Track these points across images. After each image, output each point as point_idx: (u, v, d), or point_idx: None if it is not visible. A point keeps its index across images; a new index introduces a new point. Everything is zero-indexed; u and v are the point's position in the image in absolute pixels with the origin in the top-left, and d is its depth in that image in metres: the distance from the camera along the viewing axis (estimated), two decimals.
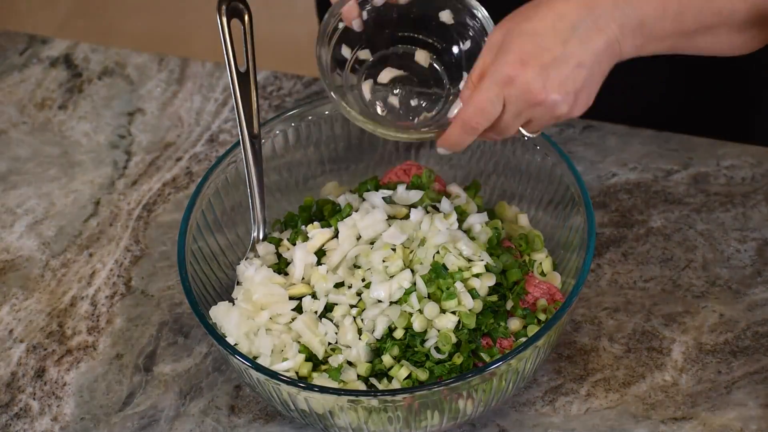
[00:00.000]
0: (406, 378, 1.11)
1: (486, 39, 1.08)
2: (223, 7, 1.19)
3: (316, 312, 1.15)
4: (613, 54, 1.05)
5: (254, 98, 1.20)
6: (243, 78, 1.20)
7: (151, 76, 1.50)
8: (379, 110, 1.15)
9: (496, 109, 1.05)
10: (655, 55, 1.13)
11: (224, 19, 1.18)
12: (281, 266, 1.20)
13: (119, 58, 1.53)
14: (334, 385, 1.11)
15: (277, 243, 1.22)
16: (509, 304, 1.15)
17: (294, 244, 1.21)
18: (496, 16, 1.11)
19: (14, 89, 1.51)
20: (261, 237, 1.22)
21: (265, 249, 1.21)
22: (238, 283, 1.20)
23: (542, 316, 1.15)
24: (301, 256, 1.18)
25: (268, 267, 1.19)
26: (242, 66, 1.20)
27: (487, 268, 1.15)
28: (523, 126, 1.09)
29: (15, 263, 1.33)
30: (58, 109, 1.48)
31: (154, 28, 2.87)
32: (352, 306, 1.15)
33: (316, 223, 1.22)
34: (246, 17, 1.20)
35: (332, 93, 1.10)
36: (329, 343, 1.14)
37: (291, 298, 1.17)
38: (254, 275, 1.17)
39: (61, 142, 1.44)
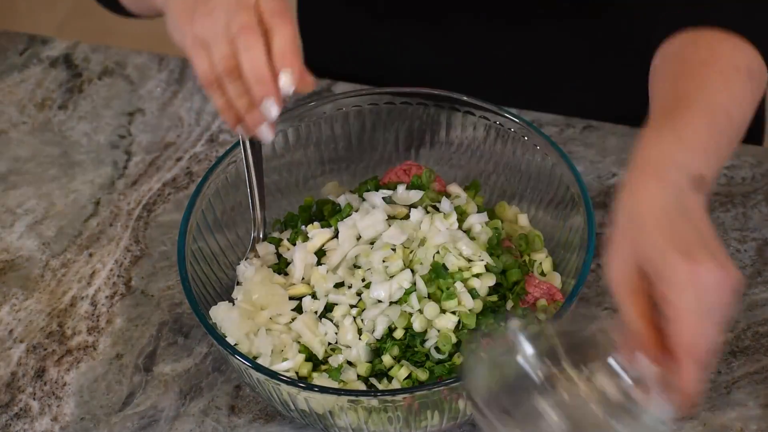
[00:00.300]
0: (406, 378, 1.11)
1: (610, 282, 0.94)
2: None
3: (316, 312, 1.15)
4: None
5: None
6: None
7: (151, 76, 1.50)
8: None
9: (706, 317, 0.91)
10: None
11: None
12: (281, 266, 1.20)
13: (119, 58, 1.53)
14: (334, 385, 1.11)
15: (277, 243, 1.22)
16: (509, 304, 1.15)
17: (294, 245, 1.21)
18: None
19: (14, 89, 1.51)
20: (261, 237, 1.22)
21: (265, 249, 1.21)
22: (238, 283, 1.20)
23: (542, 316, 1.15)
24: (301, 256, 1.18)
25: (268, 267, 1.19)
26: None
27: (487, 268, 1.15)
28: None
29: (15, 263, 1.33)
30: (58, 109, 1.48)
31: (154, 28, 2.86)
32: (352, 306, 1.15)
33: (316, 223, 1.22)
34: None
35: None
36: (329, 343, 1.14)
37: (291, 298, 1.17)
38: (254, 275, 1.17)
39: (61, 142, 1.44)
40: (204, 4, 1.06)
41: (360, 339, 1.13)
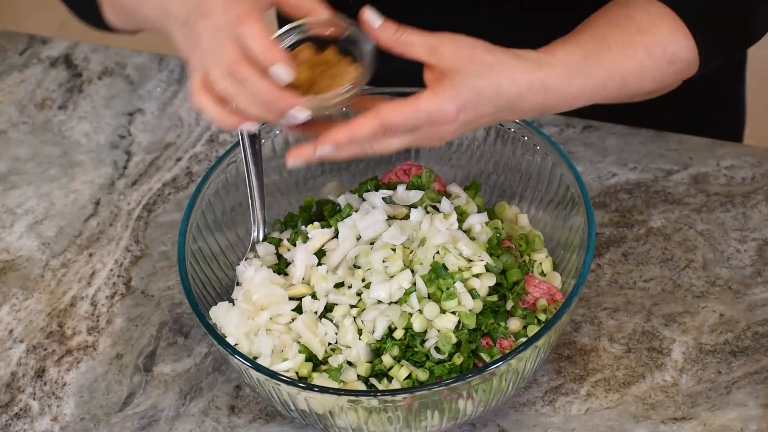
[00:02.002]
0: (406, 378, 1.11)
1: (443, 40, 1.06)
2: None
3: (316, 312, 1.15)
4: (522, 116, 1.13)
5: None
6: None
7: (151, 76, 1.50)
8: None
9: (407, 129, 1.06)
10: None
11: None
12: (281, 266, 1.20)
13: (119, 58, 1.53)
14: (334, 385, 1.11)
15: (277, 243, 1.22)
16: (509, 304, 1.15)
17: (294, 245, 1.21)
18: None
19: (14, 89, 1.51)
20: (261, 237, 1.22)
21: (264, 249, 1.21)
22: (238, 284, 1.20)
23: (542, 316, 1.15)
24: (302, 257, 1.18)
25: (268, 267, 1.19)
26: None
27: (487, 268, 1.15)
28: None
29: (15, 263, 1.33)
30: (58, 109, 1.48)
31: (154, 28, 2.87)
32: (352, 306, 1.15)
33: (316, 223, 1.22)
34: None
35: None
36: (329, 344, 1.14)
37: (291, 298, 1.17)
38: (254, 276, 1.17)
39: (61, 142, 1.44)
40: (193, 44, 1.08)
41: (360, 339, 1.13)
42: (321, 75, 1.09)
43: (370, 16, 1.06)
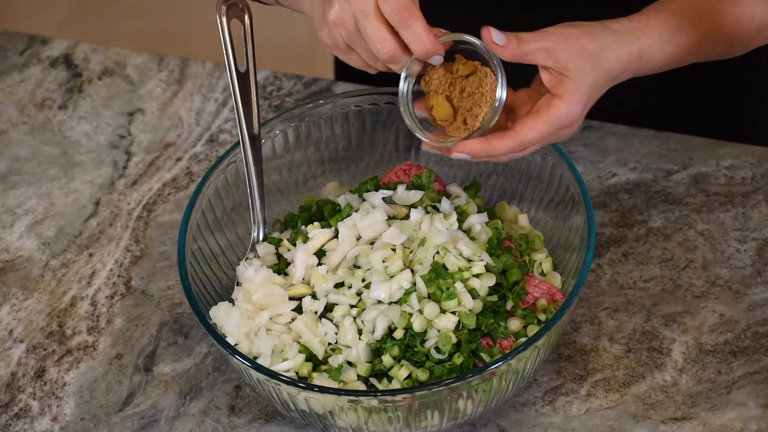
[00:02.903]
0: (406, 378, 1.11)
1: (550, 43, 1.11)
2: (223, 8, 1.19)
3: (316, 312, 1.15)
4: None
5: (254, 99, 1.20)
6: (243, 78, 1.20)
7: (151, 76, 1.50)
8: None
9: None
10: None
11: (224, 20, 1.18)
12: (281, 266, 1.20)
13: (119, 58, 1.53)
14: (334, 385, 1.11)
15: (277, 243, 1.22)
16: (509, 304, 1.15)
17: (294, 245, 1.21)
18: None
19: (14, 89, 1.51)
20: (261, 237, 1.22)
21: (264, 249, 1.21)
22: (238, 284, 1.20)
23: (542, 316, 1.15)
24: (302, 257, 1.18)
25: (268, 268, 1.19)
26: (242, 66, 1.20)
27: (487, 268, 1.15)
28: None
29: (15, 263, 1.33)
30: (58, 109, 1.48)
31: (154, 28, 2.87)
32: (352, 306, 1.15)
33: (316, 223, 1.22)
34: (246, 18, 1.20)
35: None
36: (329, 344, 1.14)
37: (291, 298, 1.17)
38: (254, 276, 1.17)
39: (61, 142, 1.44)
40: (329, 10, 1.11)
41: (360, 339, 1.13)
42: (460, 95, 1.13)
43: (495, 35, 1.09)
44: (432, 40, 1.09)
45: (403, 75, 1.12)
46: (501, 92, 1.10)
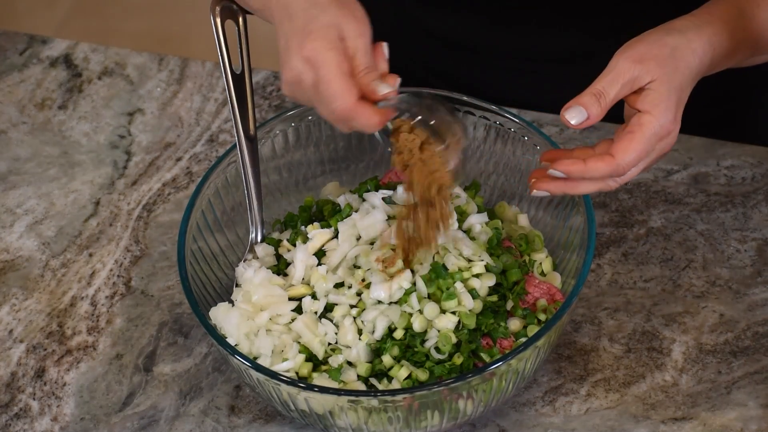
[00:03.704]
0: (406, 378, 1.11)
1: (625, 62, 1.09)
2: (217, 8, 1.18)
3: (316, 312, 1.15)
4: None
5: (250, 100, 1.20)
6: (238, 79, 1.20)
7: (151, 76, 1.50)
8: None
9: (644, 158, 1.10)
10: None
11: (218, 20, 1.18)
12: (281, 267, 1.20)
13: (119, 58, 1.53)
14: (334, 385, 1.11)
15: (276, 244, 1.22)
16: (509, 304, 1.15)
17: (294, 245, 1.21)
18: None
19: (14, 89, 1.51)
20: (259, 238, 1.22)
21: (263, 251, 1.21)
22: (237, 285, 1.20)
23: (542, 316, 1.15)
24: (302, 257, 1.18)
25: (267, 269, 1.19)
26: (237, 68, 1.20)
27: (487, 268, 1.15)
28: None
29: (15, 263, 1.33)
30: (58, 109, 1.48)
31: (154, 28, 2.87)
32: (352, 306, 1.15)
33: (316, 223, 1.22)
34: (240, 18, 1.20)
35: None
36: (329, 344, 1.14)
37: (291, 298, 1.17)
38: (253, 277, 1.17)
39: (61, 142, 1.44)
40: (285, 72, 1.09)
41: (360, 339, 1.13)
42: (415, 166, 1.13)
43: (574, 117, 1.08)
44: (375, 124, 1.06)
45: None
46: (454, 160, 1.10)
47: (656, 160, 1.11)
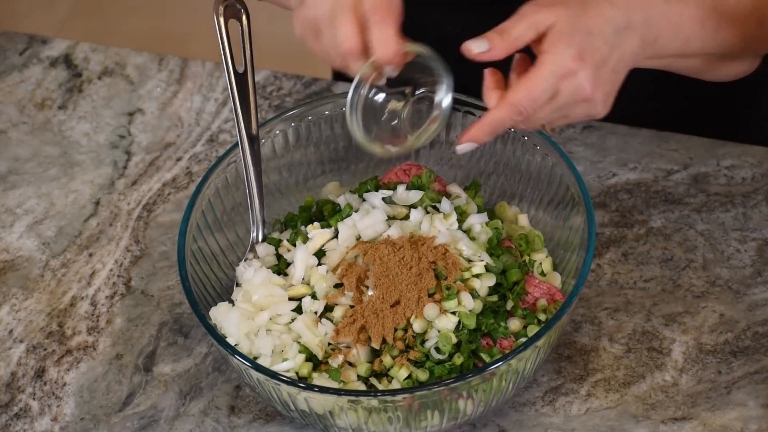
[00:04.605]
0: (406, 378, 1.11)
1: (529, 9, 1.08)
2: (221, 8, 1.19)
3: (316, 312, 1.15)
4: (633, 63, 1.10)
5: (252, 99, 1.20)
6: (241, 79, 1.20)
7: (151, 76, 1.50)
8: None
9: (547, 97, 1.06)
10: None
11: (221, 20, 1.18)
12: (281, 267, 1.20)
13: (119, 58, 1.53)
14: (334, 385, 1.11)
15: (277, 244, 1.22)
16: (509, 304, 1.15)
17: (294, 245, 1.21)
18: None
19: (14, 89, 1.51)
20: (260, 238, 1.22)
21: (264, 250, 1.21)
22: (237, 285, 1.20)
23: (542, 316, 1.15)
24: (302, 257, 1.18)
25: (267, 268, 1.19)
26: (240, 67, 1.20)
27: (487, 269, 1.15)
28: (555, 119, 1.10)
29: (15, 263, 1.33)
30: (58, 109, 1.48)
31: (154, 28, 2.87)
32: (351, 306, 1.14)
33: (316, 223, 1.22)
34: (244, 18, 1.20)
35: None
36: (329, 344, 1.13)
37: (291, 298, 1.17)
38: (253, 276, 1.17)
39: (61, 142, 1.44)
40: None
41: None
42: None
43: (474, 46, 1.08)
44: (397, 47, 1.07)
45: (354, 82, 1.10)
46: (446, 100, 1.10)
47: (573, 109, 1.08)
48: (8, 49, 1.55)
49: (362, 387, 1.11)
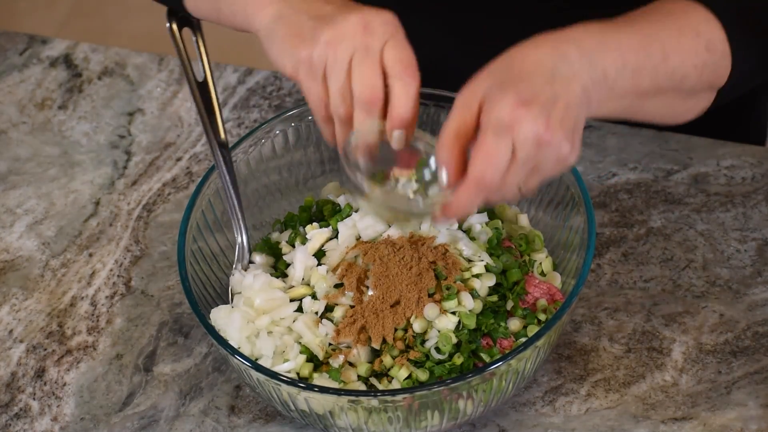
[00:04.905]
0: (406, 378, 1.11)
1: (458, 96, 1.01)
2: (174, 23, 1.18)
3: (316, 313, 1.15)
4: (588, 102, 1.02)
5: (216, 106, 1.19)
6: (202, 87, 1.19)
7: (151, 76, 1.50)
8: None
9: (506, 158, 0.98)
10: None
11: (176, 30, 1.18)
12: (279, 266, 1.20)
13: (119, 58, 1.53)
14: (334, 385, 1.11)
15: (274, 245, 1.22)
16: (509, 305, 1.15)
17: (293, 246, 1.21)
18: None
19: (14, 89, 1.51)
20: (245, 244, 1.21)
21: (263, 261, 1.21)
22: (233, 294, 1.20)
23: (542, 316, 1.15)
24: (301, 258, 1.18)
25: (266, 273, 1.19)
26: (200, 76, 1.20)
27: (487, 269, 1.15)
28: (528, 178, 1.01)
29: (15, 263, 1.33)
30: (58, 109, 1.48)
31: (154, 28, 2.87)
32: (352, 306, 1.14)
33: (315, 224, 1.22)
34: (197, 27, 1.19)
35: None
36: (329, 344, 1.13)
37: (291, 299, 1.17)
38: (253, 282, 1.17)
39: (61, 142, 1.44)
40: (328, 30, 1.03)
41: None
42: None
43: (440, 198, 1.02)
44: (415, 110, 1.01)
45: (352, 138, 1.04)
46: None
47: (540, 160, 0.99)
48: (8, 49, 1.55)
49: (362, 387, 1.12)
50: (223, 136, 1.19)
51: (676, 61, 1.07)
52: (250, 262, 1.22)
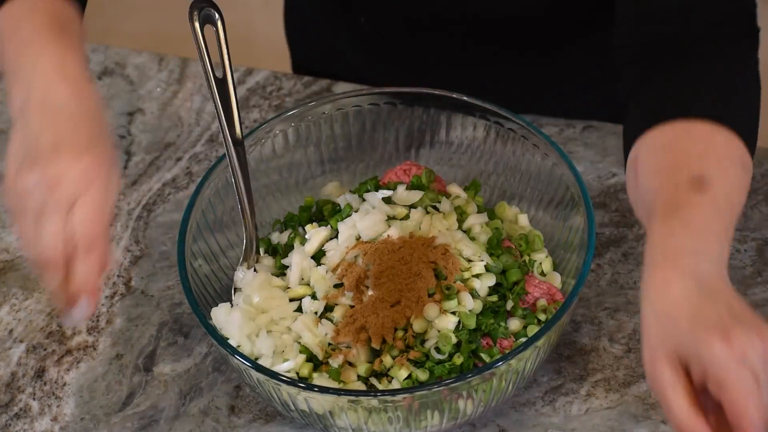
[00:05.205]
0: (406, 378, 1.11)
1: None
2: (196, 13, 1.17)
3: (316, 313, 1.15)
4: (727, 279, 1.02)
5: (234, 104, 1.18)
6: (221, 84, 1.18)
7: (151, 76, 1.50)
8: None
9: (755, 386, 0.94)
10: None
11: (197, 25, 1.16)
12: (277, 264, 1.20)
13: (119, 58, 1.53)
14: (334, 385, 1.11)
15: (273, 246, 1.23)
16: (509, 304, 1.15)
17: (292, 247, 1.21)
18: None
19: None
20: (254, 244, 1.21)
21: (267, 262, 1.21)
22: (236, 290, 1.20)
23: (542, 316, 1.15)
24: (297, 260, 1.18)
25: (267, 272, 1.19)
26: (219, 72, 1.19)
27: (487, 269, 1.16)
28: None
29: (15, 263, 1.33)
30: None
31: (154, 28, 2.87)
32: (351, 306, 1.15)
33: (314, 224, 1.22)
34: (219, 23, 1.18)
35: None
36: (329, 344, 1.14)
37: (291, 299, 1.17)
38: (253, 280, 1.17)
39: None
40: (30, 174, 1.01)
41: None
42: None
43: None
44: (98, 288, 1.02)
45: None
46: None
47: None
48: None
49: (362, 387, 1.12)
50: (239, 133, 1.19)
51: (737, 200, 1.07)
52: (257, 261, 1.22)
